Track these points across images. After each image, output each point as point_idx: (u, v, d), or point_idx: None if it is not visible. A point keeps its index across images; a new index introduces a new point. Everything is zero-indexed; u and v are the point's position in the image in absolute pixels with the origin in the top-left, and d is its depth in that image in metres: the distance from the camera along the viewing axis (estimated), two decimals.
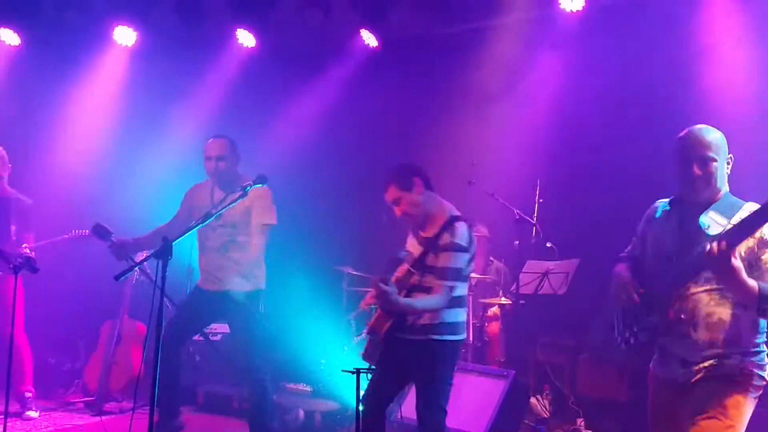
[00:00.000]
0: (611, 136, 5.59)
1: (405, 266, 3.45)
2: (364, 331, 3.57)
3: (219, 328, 5.83)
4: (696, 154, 2.52)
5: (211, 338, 5.81)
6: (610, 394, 5.15)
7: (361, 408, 3.45)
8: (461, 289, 3.40)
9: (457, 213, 3.44)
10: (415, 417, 3.48)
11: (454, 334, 3.39)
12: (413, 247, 3.52)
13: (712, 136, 2.56)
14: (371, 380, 3.45)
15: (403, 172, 3.48)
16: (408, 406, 4.42)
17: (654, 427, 2.82)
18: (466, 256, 3.33)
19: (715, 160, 2.52)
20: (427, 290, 3.33)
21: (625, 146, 5.48)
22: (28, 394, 5.19)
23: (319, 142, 6.42)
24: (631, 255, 2.92)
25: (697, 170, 2.52)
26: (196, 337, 5.42)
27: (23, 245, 5.05)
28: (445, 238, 3.30)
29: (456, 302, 3.37)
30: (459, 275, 3.32)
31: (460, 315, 3.43)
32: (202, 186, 4.61)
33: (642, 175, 5.32)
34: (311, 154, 6.55)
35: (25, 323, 5.21)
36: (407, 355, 3.40)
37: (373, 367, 3.36)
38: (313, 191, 6.60)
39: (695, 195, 2.57)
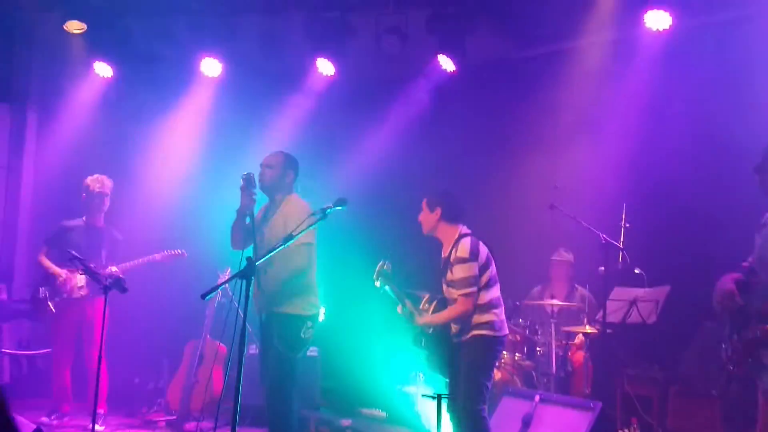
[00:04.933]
0: (701, 159, 5.34)
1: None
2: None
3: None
4: None
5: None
6: (702, 429, 4.86)
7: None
8: (487, 294, 3.85)
9: (465, 232, 3.97)
10: None
11: (491, 330, 3.82)
12: None
13: None
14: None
15: (435, 197, 4.07)
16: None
17: None
18: (472, 265, 3.80)
19: None
20: (453, 301, 3.86)
21: (716, 169, 5.23)
22: (101, 411, 5.32)
23: (398, 167, 6.42)
24: (750, 266, 2.87)
25: None
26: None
27: (110, 267, 5.26)
28: (453, 255, 3.88)
29: (485, 307, 3.82)
30: (470, 283, 3.78)
31: (494, 315, 3.85)
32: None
33: (733, 199, 5.06)
34: (389, 178, 6.57)
35: (107, 343, 5.39)
36: (454, 355, 3.93)
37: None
38: (391, 217, 6.59)
39: None
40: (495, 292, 3.91)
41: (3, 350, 6.35)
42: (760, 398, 3.04)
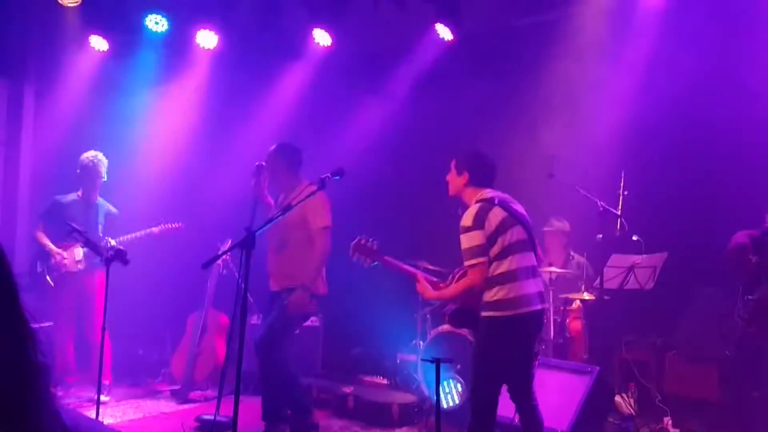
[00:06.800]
0: (699, 125, 5.34)
1: None
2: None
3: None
4: None
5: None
6: (699, 393, 4.95)
7: None
8: (500, 266, 3.47)
9: (485, 197, 3.57)
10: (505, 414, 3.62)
11: (498, 310, 3.45)
12: None
13: None
14: None
15: (464, 158, 3.73)
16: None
17: None
18: (476, 234, 3.45)
19: None
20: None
21: (713, 135, 5.23)
22: (106, 382, 5.39)
23: (396, 137, 6.42)
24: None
25: None
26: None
27: (108, 240, 5.32)
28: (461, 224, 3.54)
29: (496, 280, 3.46)
30: (475, 253, 3.44)
31: (503, 292, 3.45)
32: None
33: (732, 165, 5.07)
34: (389, 149, 6.57)
35: (116, 316, 5.45)
36: None
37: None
38: (390, 186, 6.62)
39: None
40: (512, 264, 3.48)
41: None
42: None
